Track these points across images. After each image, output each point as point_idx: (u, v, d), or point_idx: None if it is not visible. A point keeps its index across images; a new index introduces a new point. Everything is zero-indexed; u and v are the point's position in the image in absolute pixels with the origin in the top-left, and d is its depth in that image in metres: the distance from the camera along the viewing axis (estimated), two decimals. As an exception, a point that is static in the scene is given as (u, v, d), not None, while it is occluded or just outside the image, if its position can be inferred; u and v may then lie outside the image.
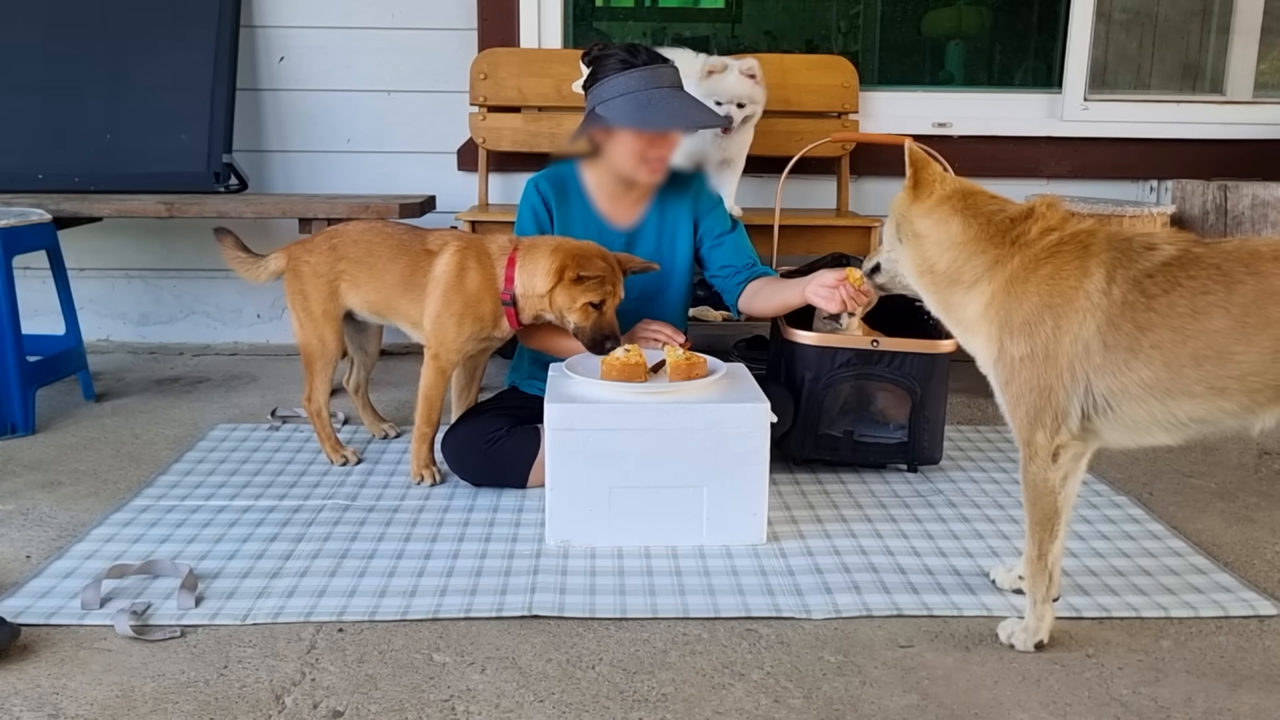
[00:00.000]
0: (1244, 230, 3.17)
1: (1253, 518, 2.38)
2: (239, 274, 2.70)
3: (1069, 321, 1.66)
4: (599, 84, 2.45)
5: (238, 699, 1.60)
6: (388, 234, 2.51)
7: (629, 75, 2.41)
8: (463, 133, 3.68)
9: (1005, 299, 1.73)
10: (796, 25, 4.23)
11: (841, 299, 2.31)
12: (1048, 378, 1.68)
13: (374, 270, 2.48)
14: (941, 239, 1.79)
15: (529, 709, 1.59)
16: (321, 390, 2.58)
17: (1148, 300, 1.62)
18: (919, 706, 1.60)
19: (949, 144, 3.62)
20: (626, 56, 2.44)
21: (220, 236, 2.70)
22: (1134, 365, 1.63)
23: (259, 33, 3.70)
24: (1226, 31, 3.98)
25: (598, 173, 2.59)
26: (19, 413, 2.82)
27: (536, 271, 2.34)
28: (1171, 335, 1.60)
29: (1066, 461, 1.72)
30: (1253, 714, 1.60)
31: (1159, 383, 1.62)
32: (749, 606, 1.90)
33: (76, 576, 1.98)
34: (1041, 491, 1.73)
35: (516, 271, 2.37)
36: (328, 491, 2.44)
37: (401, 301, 2.46)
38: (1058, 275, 1.68)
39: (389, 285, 2.47)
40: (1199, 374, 1.60)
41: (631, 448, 2.11)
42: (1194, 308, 1.59)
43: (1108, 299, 1.64)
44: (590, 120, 2.48)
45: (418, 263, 2.44)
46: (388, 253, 2.47)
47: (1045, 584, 1.76)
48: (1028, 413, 1.71)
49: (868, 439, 2.60)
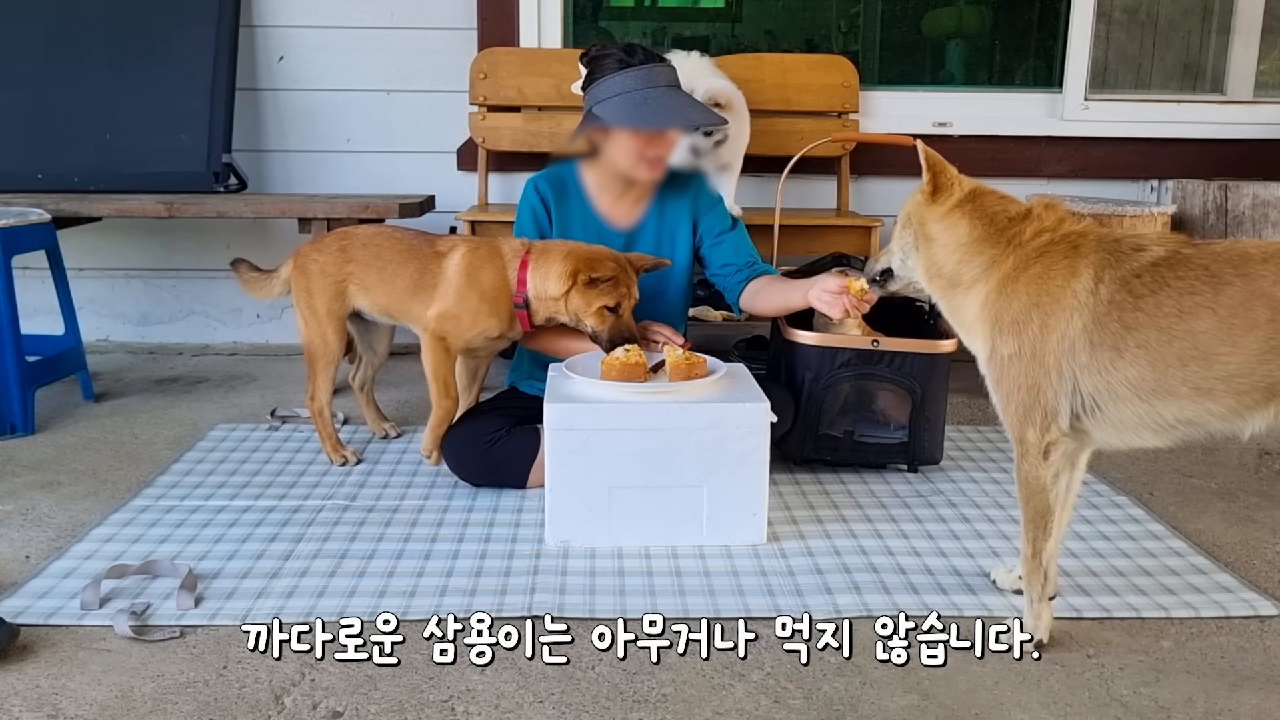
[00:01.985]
0: (1244, 230, 3.16)
1: (1253, 518, 2.38)
2: (252, 294, 2.74)
3: (1056, 320, 1.66)
4: (596, 84, 2.45)
5: (237, 699, 1.60)
6: (398, 238, 2.52)
7: (626, 75, 2.41)
8: (462, 132, 3.68)
9: (997, 299, 1.73)
10: (796, 25, 4.23)
11: (844, 306, 2.31)
12: (1035, 376, 1.69)
13: (384, 274, 2.49)
14: (949, 242, 1.79)
15: (529, 709, 1.58)
16: (324, 389, 2.59)
17: (1134, 300, 1.62)
18: (919, 707, 1.60)
19: (949, 144, 3.62)
20: (623, 56, 2.44)
21: (235, 267, 2.75)
22: (1119, 364, 1.63)
23: (259, 32, 3.70)
24: (1227, 31, 3.98)
25: (597, 172, 2.59)
26: (18, 413, 2.82)
27: (549, 275, 2.35)
28: (1158, 335, 1.60)
29: (1058, 459, 1.72)
30: (1253, 714, 1.60)
31: (1144, 382, 1.62)
32: (749, 607, 1.89)
33: (76, 577, 1.98)
34: (1034, 489, 1.74)
35: (529, 274, 2.37)
36: (327, 492, 2.44)
37: (413, 304, 2.47)
38: (1046, 275, 1.69)
39: (400, 289, 2.48)
40: (1185, 374, 1.60)
41: (631, 447, 2.11)
42: (1181, 308, 1.59)
43: (1094, 298, 1.64)
44: (588, 120, 2.48)
45: (427, 266, 2.45)
46: (398, 257, 2.48)
47: (1041, 582, 1.76)
48: (1017, 410, 1.72)
49: (868, 439, 2.60)
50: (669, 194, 2.62)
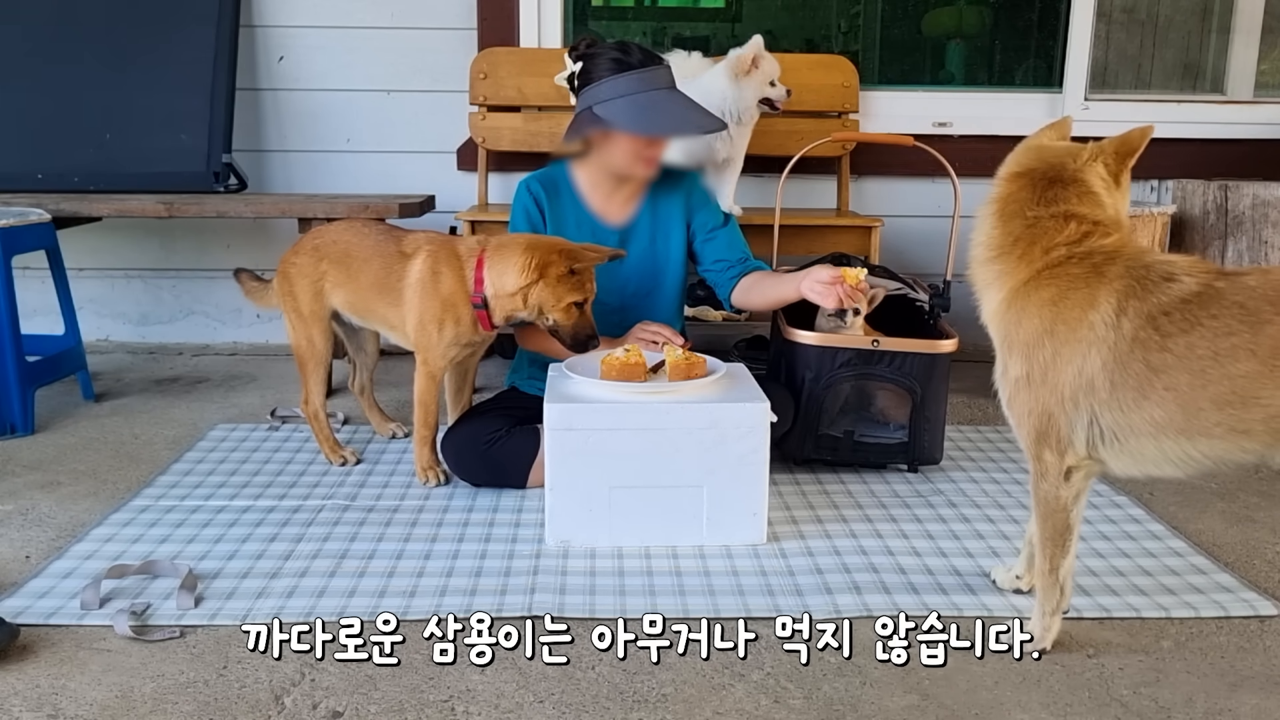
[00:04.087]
0: (1244, 230, 3.16)
1: (1253, 518, 2.38)
2: (255, 305, 2.75)
3: (1071, 351, 1.59)
4: (596, 84, 2.44)
5: (237, 699, 1.60)
6: (365, 234, 2.49)
7: (628, 77, 2.41)
8: (462, 132, 3.68)
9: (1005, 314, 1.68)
10: (797, 24, 4.23)
11: (839, 296, 2.31)
12: (1048, 403, 1.63)
13: (350, 271, 2.47)
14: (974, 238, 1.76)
15: (529, 709, 1.58)
16: (316, 392, 2.58)
17: (1163, 339, 1.53)
18: (919, 707, 1.60)
19: (949, 143, 3.61)
20: (620, 55, 2.43)
21: (237, 277, 2.76)
22: (1144, 405, 1.55)
23: (259, 32, 3.70)
24: (1227, 31, 3.98)
25: (590, 170, 2.58)
26: (18, 413, 2.81)
27: (507, 269, 2.29)
28: (1190, 379, 1.52)
29: (1080, 481, 1.67)
30: (1253, 714, 1.60)
31: (1173, 423, 1.55)
32: (749, 607, 1.89)
33: (76, 577, 1.98)
34: (1053, 509, 1.69)
35: (486, 271, 2.32)
36: (327, 492, 2.44)
37: (378, 304, 2.45)
38: (1063, 299, 1.60)
39: (365, 287, 2.46)
40: (1220, 417, 1.52)
41: (631, 447, 2.11)
42: (1216, 350, 1.50)
43: (1116, 333, 1.56)
44: (588, 120, 2.47)
45: (391, 265, 2.41)
46: (364, 254, 2.46)
47: (1056, 597, 1.73)
48: (1030, 433, 1.67)
49: (868, 439, 2.60)
50: (662, 191, 2.62)
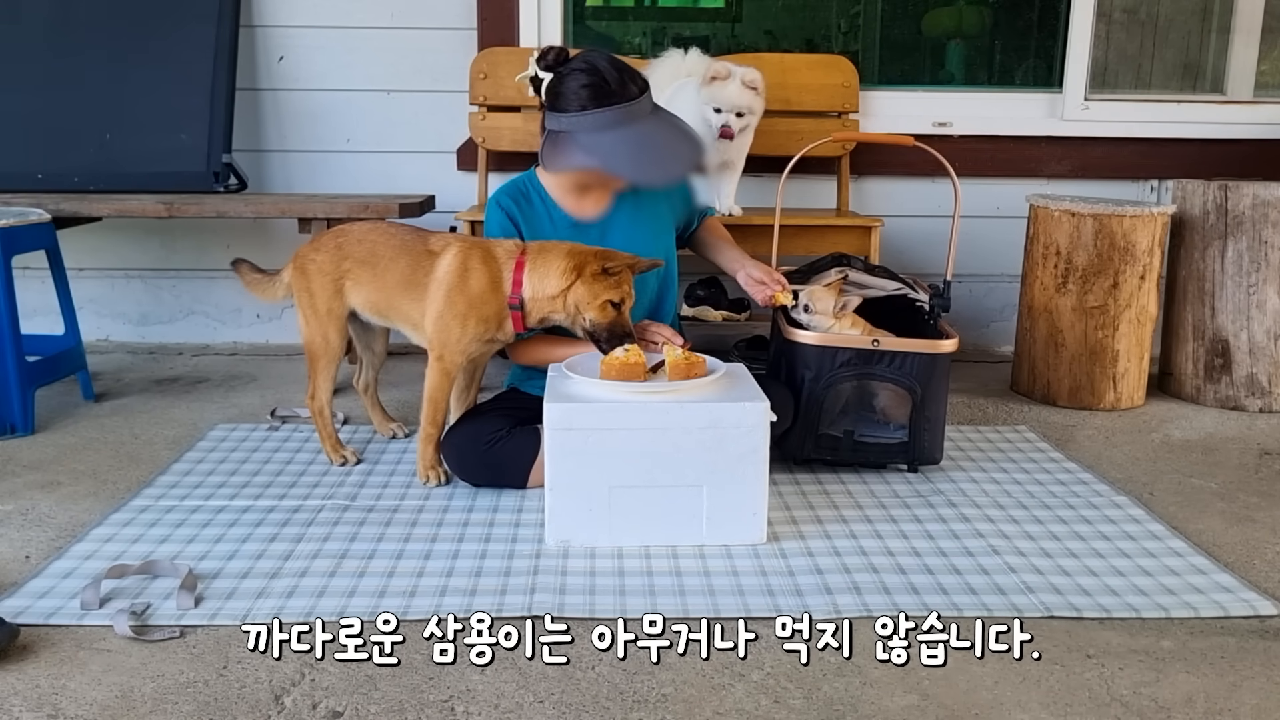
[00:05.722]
0: (1244, 229, 3.16)
1: (1253, 518, 2.38)
2: (256, 296, 2.73)
3: None
4: (574, 114, 2.39)
5: (237, 699, 1.60)
6: (391, 234, 2.51)
7: (613, 111, 2.37)
8: (462, 132, 3.68)
9: None
10: (797, 24, 4.23)
11: (764, 299, 2.56)
12: None
13: (376, 269, 2.48)
14: None
15: (529, 709, 1.58)
16: (324, 389, 2.58)
17: None
18: (919, 707, 1.60)
19: (949, 143, 3.63)
20: (597, 81, 2.38)
21: (236, 267, 2.75)
22: None
23: (259, 32, 3.70)
24: (1227, 31, 3.98)
25: (556, 179, 2.57)
26: (18, 413, 2.81)
27: (549, 273, 2.34)
28: None
29: None
30: (1253, 714, 1.60)
31: None
32: (749, 607, 1.89)
33: (76, 577, 1.98)
34: None
35: (525, 274, 2.36)
36: (327, 491, 2.44)
37: (402, 301, 2.46)
38: None
39: (390, 285, 2.47)
40: None
41: (631, 447, 2.11)
42: None
43: None
44: (569, 145, 2.42)
45: (419, 263, 2.43)
46: (390, 252, 2.47)
47: None
48: None
49: (868, 439, 2.60)
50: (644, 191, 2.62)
